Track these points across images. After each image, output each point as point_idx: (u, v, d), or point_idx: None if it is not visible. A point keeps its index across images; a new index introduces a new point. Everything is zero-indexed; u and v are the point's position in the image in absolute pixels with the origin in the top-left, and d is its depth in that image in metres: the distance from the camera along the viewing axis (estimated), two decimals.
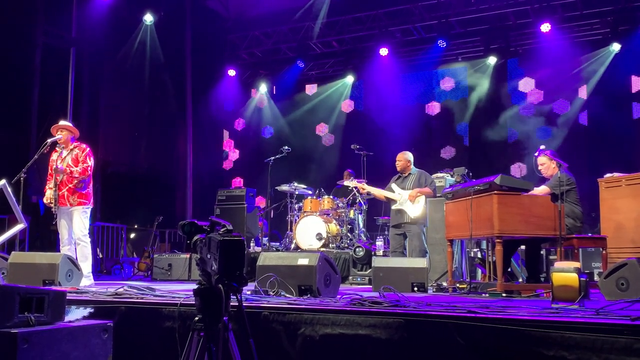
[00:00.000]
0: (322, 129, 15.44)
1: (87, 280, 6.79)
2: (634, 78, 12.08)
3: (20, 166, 7.23)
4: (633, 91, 12.05)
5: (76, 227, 6.91)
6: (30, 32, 11.67)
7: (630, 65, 12.04)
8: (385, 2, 13.40)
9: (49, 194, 6.98)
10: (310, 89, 15.73)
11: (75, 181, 6.87)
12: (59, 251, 6.98)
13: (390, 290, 5.11)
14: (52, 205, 6.89)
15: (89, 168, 6.94)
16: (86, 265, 6.87)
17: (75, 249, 6.97)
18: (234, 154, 16.47)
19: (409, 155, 8.18)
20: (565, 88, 12.84)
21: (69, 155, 7.01)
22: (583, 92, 12.58)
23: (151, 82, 13.95)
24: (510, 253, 6.92)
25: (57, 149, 7.15)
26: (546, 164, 6.74)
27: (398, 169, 8.21)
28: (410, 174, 8.10)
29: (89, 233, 7.05)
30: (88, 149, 7.08)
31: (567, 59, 12.87)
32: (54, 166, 6.91)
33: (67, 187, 6.89)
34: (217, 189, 11.18)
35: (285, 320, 3.98)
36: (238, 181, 15.88)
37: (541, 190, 6.44)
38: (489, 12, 12.72)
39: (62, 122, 7.26)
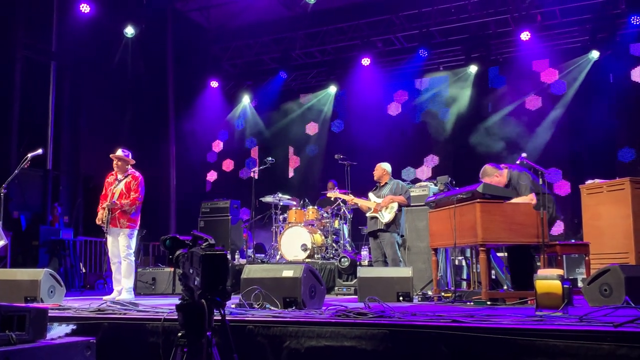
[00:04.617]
0: (306, 139, 15.43)
1: (127, 294, 7.21)
2: (612, 85, 12.22)
3: (0, 181, 7.16)
4: (612, 98, 12.15)
5: (121, 246, 7.31)
6: (10, 45, 11.55)
7: (609, 73, 12.19)
8: (366, 12, 13.45)
9: (100, 214, 7.37)
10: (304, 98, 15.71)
11: (126, 208, 7.25)
12: (43, 267, 6.99)
13: (375, 300, 5.11)
14: (104, 225, 7.31)
15: (138, 198, 7.35)
16: (128, 281, 7.31)
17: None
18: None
19: (387, 166, 8.39)
20: (545, 95, 13.00)
21: (123, 181, 7.39)
22: (563, 99, 12.71)
23: (133, 95, 13.86)
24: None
25: (113, 172, 7.51)
26: (499, 178, 6.46)
27: (375, 178, 8.41)
28: (386, 183, 8.29)
29: (134, 252, 7.48)
30: (140, 178, 7.45)
31: (547, 66, 13.03)
32: (107, 201, 7.29)
33: (118, 211, 7.29)
34: (200, 202, 11.11)
35: (270, 334, 3.95)
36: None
37: (529, 198, 6.31)
38: (469, 21, 12.82)
39: (118, 153, 7.45)
